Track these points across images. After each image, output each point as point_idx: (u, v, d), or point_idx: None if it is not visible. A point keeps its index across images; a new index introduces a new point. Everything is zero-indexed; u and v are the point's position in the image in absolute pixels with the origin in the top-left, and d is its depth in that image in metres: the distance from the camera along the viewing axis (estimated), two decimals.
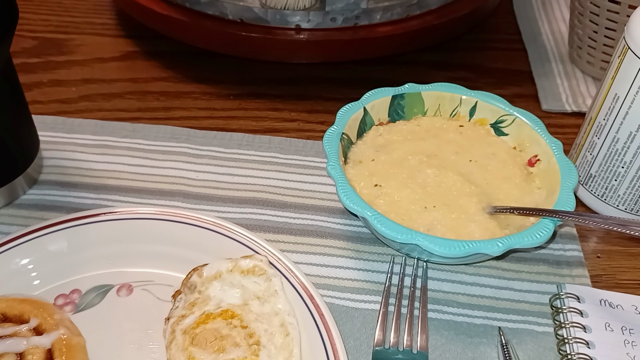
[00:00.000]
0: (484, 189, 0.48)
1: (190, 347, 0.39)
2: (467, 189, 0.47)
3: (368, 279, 0.47)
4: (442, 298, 0.46)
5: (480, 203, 0.47)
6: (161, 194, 0.53)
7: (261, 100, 0.64)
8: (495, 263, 0.49)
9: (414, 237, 0.42)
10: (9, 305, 0.40)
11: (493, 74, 0.70)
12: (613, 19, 0.62)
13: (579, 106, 0.65)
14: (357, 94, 0.53)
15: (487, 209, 0.46)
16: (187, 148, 0.57)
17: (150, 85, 0.66)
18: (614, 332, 0.43)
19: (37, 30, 0.73)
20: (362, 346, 0.43)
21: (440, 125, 0.54)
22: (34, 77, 0.66)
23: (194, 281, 0.44)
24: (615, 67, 0.47)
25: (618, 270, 0.49)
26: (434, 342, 0.43)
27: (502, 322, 0.45)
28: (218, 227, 0.47)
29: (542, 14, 0.79)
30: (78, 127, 0.59)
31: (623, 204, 0.51)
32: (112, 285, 0.45)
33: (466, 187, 0.47)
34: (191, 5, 0.62)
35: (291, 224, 0.51)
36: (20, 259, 0.45)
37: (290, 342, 0.41)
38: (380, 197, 0.47)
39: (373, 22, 0.62)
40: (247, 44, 0.62)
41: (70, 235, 0.47)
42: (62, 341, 0.39)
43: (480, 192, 0.47)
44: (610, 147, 0.49)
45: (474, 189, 0.47)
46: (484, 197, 0.47)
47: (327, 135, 0.49)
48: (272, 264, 0.45)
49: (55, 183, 0.53)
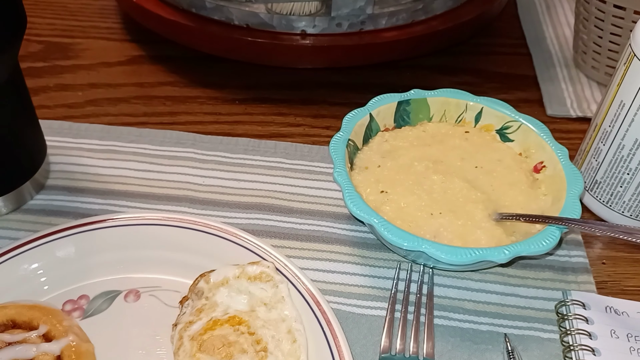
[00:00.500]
0: (490, 196, 0.48)
1: (198, 354, 0.40)
2: (473, 195, 0.48)
3: (374, 285, 0.47)
4: (448, 304, 0.47)
5: (487, 210, 0.47)
6: (168, 199, 0.53)
7: (267, 105, 0.65)
8: (501, 269, 0.49)
9: (420, 244, 0.42)
10: (18, 312, 0.41)
11: (498, 79, 0.70)
12: (618, 24, 0.62)
13: (583, 111, 0.65)
14: (363, 99, 0.53)
15: (494, 216, 0.46)
16: (193, 153, 0.58)
17: (156, 90, 0.66)
18: (619, 339, 0.43)
19: (43, 34, 0.73)
20: (369, 353, 0.43)
21: (445, 131, 0.54)
22: (40, 82, 0.66)
23: (201, 287, 0.44)
24: (621, 74, 0.47)
25: (623, 277, 0.50)
26: (440, 349, 0.44)
27: (508, 328, 0.45)
28: (225, 233, 0.48)
29: (547, 19, 0.79)
30: (85, 132, 0.59)
31: (628, 210, 0.51)
32: (119, 291, 0.45)
33: (472, 194, 0.48)
34: (197, 11, 0.63)
35: (297, 230, 0.51)
36: (29, 265, 0.45)
37: (297, 349, 0.41)
38: (387, 204, 0.47)
39: (378, 27, 0.62)
40: (252, 49, 0.62)
41: (78, 241, 0.47)
42: (72, 348, 0.39)
43: (486, 199, 0.48)
44: (615, 154, 0.49)
45: (480, 196, 0.48)
46: (490, 203, 0.47)
47: (334, 141, 0.49)
48: (278, 270, 0.45)
49: (63, 188, 0.54)
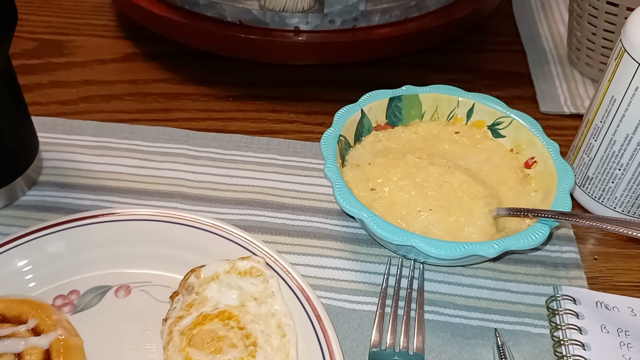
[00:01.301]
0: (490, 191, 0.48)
1: (187, 348, 0.40)
2: (474, 190, 0.47)
3: (365, 280, 0.47)
4: (439, 300, 0.47)
5: (488, 206, 0.46)
6: (160, 195, 0.53)
7: (260, 102, 0.65)
8: (492, 265, 0.49)
9: (410, 238, 0.42)
10: (7, 306, 0.41)
11: (492, 76, 0.70)
12: (611, 21, 0.62)
13: (577, 108, 0.65)
14: (356, 96, 0.53)
15: (495, 212, 0.46)
16: (185, 149, 0.58)
17: (150, 87, 0.66)
18: (609, 334, 0.43)
19: (37, 31, 0.74)
20: (359, 347, 0.43)
21: (437, 132, 0.54)
22: (34, 79, 0.66)
23: (192, 282, 0.44)
24: (612, 70, 0.47)
25: (615, 273, 0.50)
26: (431, 344, 0.44)
27: (499, 323, 0.45)
28: (216, 229, 0.48)
29: (541, 16, 0.79)
30: (77, 128, 0.59)
31: (620, 205, 0.51)
32: (110, 286, 0.45)
33: (473, 189, 0.47)
34: (190, 8, 0.63)
35: (289, 226, 0.51)
36: (19, 260, 0.45)
37: (286, 343, 0.41)
38: (377, 201, 0.47)
39: (371, 24, 0.62)
40: (246, 45, 0.62)
41: (69, 236, 0.47)
42: (60, 342, 0.39)
43: (488, 194, 0.47)
44: (607, 150, 0.49)
45: (481, 191, 0.47)
46: (492, 200, 0.47)
47: (325, 137, 0.49)
48: (269, 265, 0.45)
49: (55, 184, 0.54)
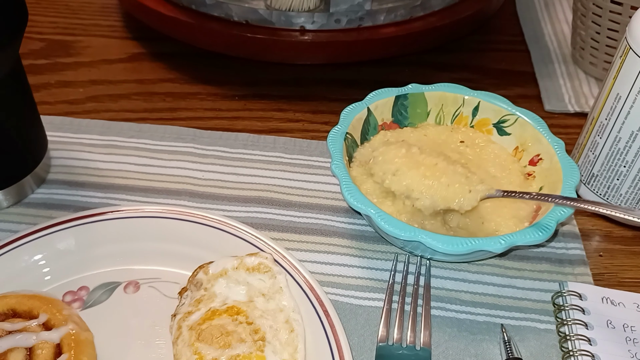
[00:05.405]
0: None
1: (196, 343, 0.40)
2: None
3: (372, 276, 0.48)
4: (445, 296, 0.47)
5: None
6: (167, 193, 0.54)
7: (266, 101, 0.65)
8: (498, 261, 0.49)
9: (417, 234, 0.42)
10: (18, 301, 0.41)
11: (496, 75, 0.70)
12: (615, 20, 0.62)
13: (581, 106, 0.65)
14: (361, 95, 0.54)
15: (496, 193, 0.46)
16: (193, 148, 0.58)
17: (157, 87, 0.67)
18: (615, 329, 0.44)
19: (45, 32, 0.74)
20: (366, 342, 0.43)
21: (443, 139, 0.54)
22: (42, 79, 0.67)
23: (200, 278, 0.44)
24: (617, 68, 0.48)
25: (620, 269, 0.50)
26: (437, 339, 0.44)
27: (505, 319, 0.45)
28: (223, 225, 0.48)
29: (545, 15, 0.79)
30: (85, 127, 0.60)
31: (625, 203, 0.51)
32: (119, 282, 0.46)
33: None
34: (197, 7, 0.63)
35: (296, 223, 0.52)
36: (30, 257, 0.46)
37: (295, 338, 0.41)
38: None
39: (377, 23, 0.63)
40: (252, 45, 0.62)
41: (78, 233, 0.47)
42: (71, 336, 0.39)
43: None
44: (612, 147, 0.50)
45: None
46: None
47: (331, 134, 0.49)
48: (277, 261, 0.45)
49: (63, 182, 0.54)
